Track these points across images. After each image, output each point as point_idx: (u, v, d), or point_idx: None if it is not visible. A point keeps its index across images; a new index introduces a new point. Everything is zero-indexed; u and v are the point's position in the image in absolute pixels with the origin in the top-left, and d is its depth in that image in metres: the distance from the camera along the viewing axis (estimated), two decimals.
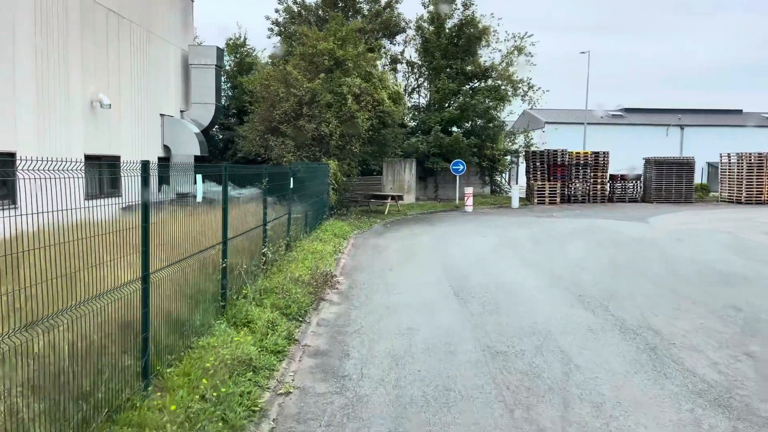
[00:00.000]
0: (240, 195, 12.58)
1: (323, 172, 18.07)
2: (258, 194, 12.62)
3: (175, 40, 21.95)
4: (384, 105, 19.71)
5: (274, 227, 11.03)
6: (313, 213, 16.25)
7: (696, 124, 53.95)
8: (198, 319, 6.09)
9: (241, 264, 8.02)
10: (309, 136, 18.98)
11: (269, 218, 10.30)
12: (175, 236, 5.71)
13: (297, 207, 13.56)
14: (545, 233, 16.78)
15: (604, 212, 23.92)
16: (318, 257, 11.75)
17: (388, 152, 22.04)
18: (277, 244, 10.27)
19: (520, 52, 29.10)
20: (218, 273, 6.79)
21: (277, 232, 11.12)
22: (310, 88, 18.91)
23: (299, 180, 13.46)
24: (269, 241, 9.71)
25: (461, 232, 17.17)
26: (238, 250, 8.01)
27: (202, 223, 6.79)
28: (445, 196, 30.09)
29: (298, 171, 13.79)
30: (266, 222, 9.27)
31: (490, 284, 10.02)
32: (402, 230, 17.92)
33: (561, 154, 29.20)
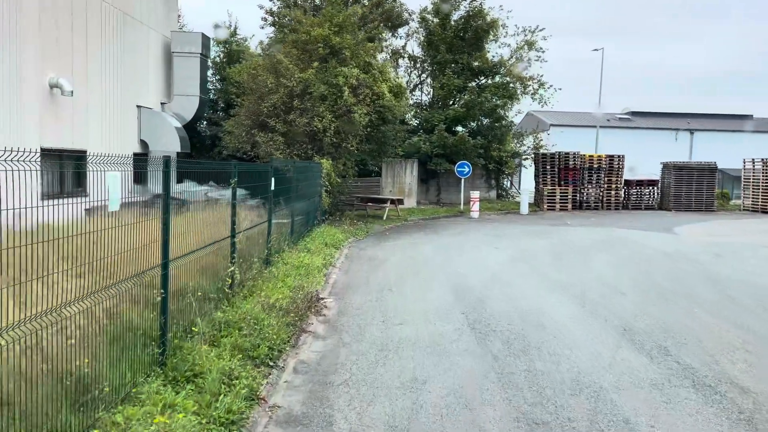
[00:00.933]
0: (221, 197, 10.85)
1: (315, 172, 16.30)
2: (247, 196, 10.87)
3: (155, 24, 20.16)
4: (384, 99, 17.95)
5: (251, 237, 9.25)
6: (302, 218, 14.48)
7: (706, 128, 52.44)
8: (116, 377, 4.30)
9: (197, 290, 6.23)
10: (300, 132, 17.20)
11: (242, 226, 8.52)
12: (97, 254, 3.95)
13: (281, 212, 11.78)
14: (563, 245, 15.01)
15: (621, 221, 22.16)
16: (303, 273, 9.97)
17: (388, 151, 20.25)
18: (250, 260, 8.47)
19: (531, 47, 27.38)
20: (154, 307, 4.99)
21: (253, 243, 9.33)
22: (302, 78, 17.14)
23: (283, 180, 11.69)
24: (239, 256, 7.92)
25: (469, 242, 15.40)
26: (192, 271, 6.21)
27: (140, 235, 5.01)
28: (448, 200, 28.32)
29: (283, 170, 12.01)
30: (235, 233, 7.48)
31: (511, 312, 8.24)
32: (402, 239, 16.15)
33: (573, 157, 27.47)
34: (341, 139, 17.63)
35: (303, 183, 14.49)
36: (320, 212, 17.20)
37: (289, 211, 12.33)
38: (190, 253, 5.93)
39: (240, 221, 8.76)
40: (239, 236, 7.88)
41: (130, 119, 18.58)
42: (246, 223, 9.32)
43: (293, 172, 12.44)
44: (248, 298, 7.49)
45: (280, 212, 12.12)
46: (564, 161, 27.45)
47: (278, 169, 11.96)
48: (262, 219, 9.99)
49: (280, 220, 12.27)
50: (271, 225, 10.04)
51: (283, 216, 12.23)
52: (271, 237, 10.10)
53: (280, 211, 12.08)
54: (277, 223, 11.96)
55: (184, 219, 6.44)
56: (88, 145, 15.68)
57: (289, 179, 12.16)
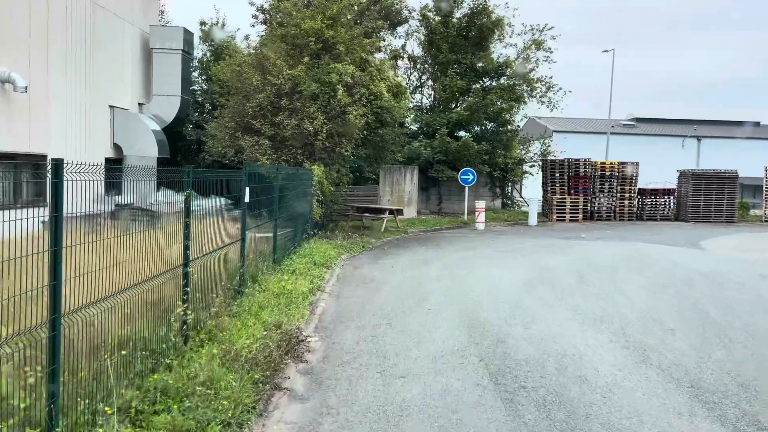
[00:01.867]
0: (198, 208, 9.30)
1: (304, 179, 14.68)
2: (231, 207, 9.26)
3: (132, 17, 18.57)
4: (382, 99, 16.36)
5: (220, 260, 7.60)
6: (288, 232, 12.83)
7: (713, 135, 51.15)
8: None
9: (129, 342, 4.58)
10: (289, 135, 15.57)
11: (208, 247, 6.86)
12: None
13: (263, 226, 10.13)
14: (585, 263, 13.38)
15: (640, 233, 20.56)
16: (284, 303, 8.31)
17: (386, 157, 18.61)
18: (214, 292, 6.80)
19: (539, 47, 25.86)
20: (38, 383, 3.33)
21: (224, 267, 7.68)
22: (291, 75, 15.53)
23: (263, 190, 10.04)
24: (198, 289, 6.26)
25: (478, 260, 13.75)
26: (120, 317, 4.55)
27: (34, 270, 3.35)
28: (450, 209, 26.71)
29: (265, 177, 10.37)
30: (188, 260, 5.81)
31: (542, 358, 6.60)
32: (403, 255, 14.49)
33: (584, 164, 25.91)
34: (335, 143, 16.01)
35: (290, 192, 12.86)
36: (311, 225, 15.55)
37: (272, 226, 10.68)
38: (107, 297, 4.27)
39: (206, 241, 7.13)
40: (196, 264, 6.22)
41: (101, 121, 16.95)
42: (216, 242, 7.69)
43: (278, 179, 10.80)
44: (205, 345, 5.82)
45: (262, 226, 10.48)
46: (574, 168, 25.89)
47: (259, 175, 10.33)
48: (230, 239, 8.32)
49: (263, 234, 10.65)
50: (245, 244, 8.37)
51: (264, 231, 10.59)
52: (246, 259, 8.44)
53: (262, 225, 10.44)
54: (260, 238, 10.32)
55: (127, 242, 4.83)
56: (48, 149, 14.05)
57: (273, 188, 10.52)
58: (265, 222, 10.57)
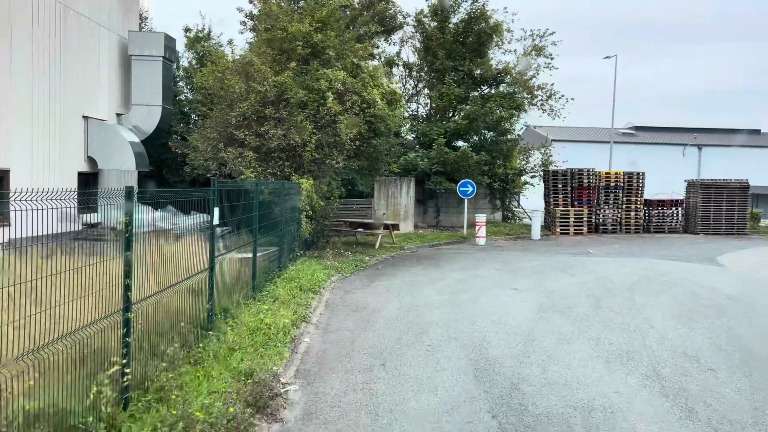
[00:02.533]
0: (174, 227, 8.34)
1: (292, 194, 13.59)
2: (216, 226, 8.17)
3: (109, 23, 17.55)
4: (375, 107, 15.32)
5: (184, 293, 6.49)
6: (273, 253, 11.74)
7: (714, 143, 50.43)
8: None
9: (35, 423, 3.45)
10: (275, 146, 14.50)
11: (165, 283, 5.75)
12: None
13: (242, 248, 9.04)
14: (599, 284, 12.29)
15: (650, 248, 19.51)
16: (262, 341, 7.19)
17: (381, 169, 17.54)
18: (171, 336, 5.67)
19: (540, 53, 24.95)
20: None
21: (186, 304, 6.56)
22: (276, 82, 14.49)
23: (242, 208, 8.95)
24: (151, 334, 5.15)
25: (481, 281, 12.65)
26: (31, 387, 3.44)
27: None
28: (448, 222, 25.65)
29: (242, 192, 9.28)
30: (130, 303, 4.69)
31: (566, 413, 5.50)
32: (399, 276, 13.38)
33: (588, 174, 24.91)
34: (325, 154, 14.94)
35: (274, 209, 11.78)
36: (299, 243, 14.45)
37: (250, 249, 9.57)
38: None
39: (170, 270, 6.03)
40: (149, 302, 5.11)
41: (73, 132, 15.86)
42: (183, 270, 6.59)
43: (258, 195, 9.71)
44: (152, 410, 4.68)
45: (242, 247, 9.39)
46: (578, 179, 24.90)
47: (235, 192, 9.24)
48: (197, 269, 7.21)
49: (243, 254, 9.54)
50: (214, 276, 7.25)
51: (245, 252, 9.49)
52: (217, 289, 7.31)
53: (242, 246, 9.35)
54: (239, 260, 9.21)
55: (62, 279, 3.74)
56: (10, 163, 12.94)
57: (245, 206, 9.42)
58: (243, 244, 9.47)
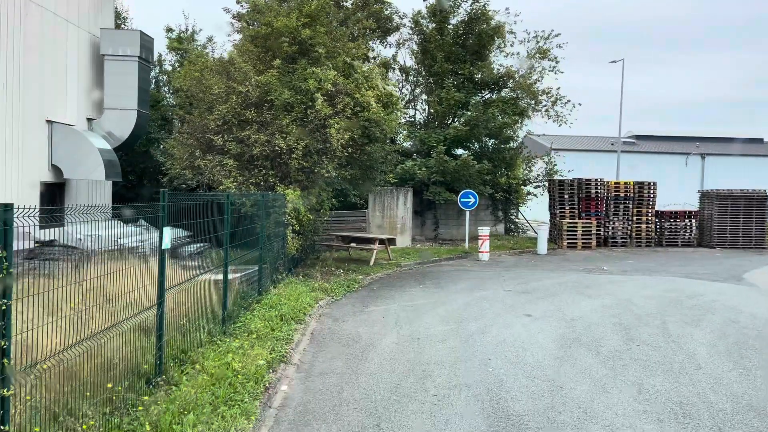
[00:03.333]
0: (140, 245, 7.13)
1: (276, 206, 12.19)
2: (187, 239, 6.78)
3: (78, 19, 16.17)
4: (370, 111, 13.95)
5: (130, 333, 5.05)
6: (250, 275, 10.31)
7: (717, 153, 49.44)
8: None
9: None
10: (257, 153, 13.11)
11: (102, 324, 4.31)
12: None
13: (206, 274, 7.60)
14: (623, 309, 10.89)
15: (667, 263, 18.15)
16: (226, 394, 5.74)
17: (376, 178, 16.14)
18: (97, 398, 4.22)
19: (544, 56, 23.70)
20: None
21: (130, 348, 5.12)
22: (259, 82, 13.12)
23: (211, 225, 7.53)
24: (68, 397, 3.70)
25: (490, 305, 11.22)
26: None
27: None
28: (447, 235, 24.26)
29: (210, 207, 7.85)
30: (8, 380, 3.23)
31: None
32: (396, 298, 11.94)
33: (596, 184, 23.59)
34: (313, 162, 13.56)
35: (254, 223, 10.37)
36: (285, 261, 13.02)
37: (219, 274, 8.14)
38: None
39: (114, 306, 4.63)
40: (72, 352, 3.66)
41: (36, 138, 14.43)
42: (131, 304, 5.18)
43: (230, 207, 8.29)
44: None
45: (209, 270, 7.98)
46: (585, 189, 23.56)
47: (207, 205, 7.83)
48: (144, 306, 5.78)
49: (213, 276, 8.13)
50: (164, 314, 5.79)
51: (216, 274, 8.06)
52: (164, 333, 5.86)
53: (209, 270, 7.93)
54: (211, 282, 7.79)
55: None
56: None
57: (222, 221, 8.00)
58: (213, 267, 8.05)
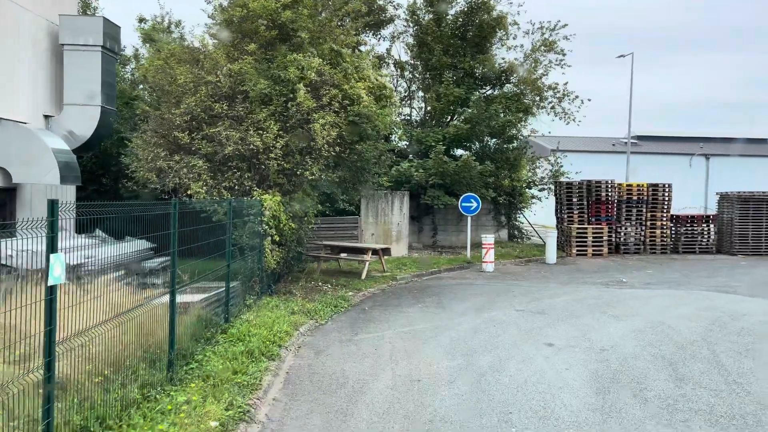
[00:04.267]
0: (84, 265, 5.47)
1: (249, 214, 10.53)
2: None
3: (33, 3, 14.47)
4: (361, 105, 12.31)
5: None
6: (218, 297, 8.65)
7: (722, 153, 48.11)
8: None
9: None
10: (230, 153, 11.43)
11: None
12: None
13: (155, 305, 5.93)
14: (659, 334, 9.27)
15: (692, 274, 16.56)
16: None
17: (368, 181, 14.46)
18: None
19: (550, 49, 22.12)
20: None
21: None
22: (232, 71, 11.46)
23: (166, 238, 5.86)
24: None
25: (503, 331, 9.56)
26: None
27: None
28: (446, 242, 22.63)
29: (147, 217, 6.17)
30: None
31: None
32: (391, 322, 10.27)
33: (606, 186, 22.01)
34: (295, 163, 11.89)
35: (218, 236, 8.70)
36: (262, 277, 11.33)
37: (170, 298, 6.46)
38: None
39: None
40: None
41: None
42: None
43: (177, 218, 6.63)
44: None
45: (167, 291, 6.31)
46: (595, 192, 21.98)
47: (147, 214, 6.17)
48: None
49: (159, 297, 6.45)
50: (53, 382, 4.08)
51: (159, 299, 6.38)
52: (53, 409, 4.16)
53: (165, 292, 6.26)
54: (161, 309, 6.11)
55: None
56: None
57: (176, 233, 6.33)
58: (168, 290, 6.38)
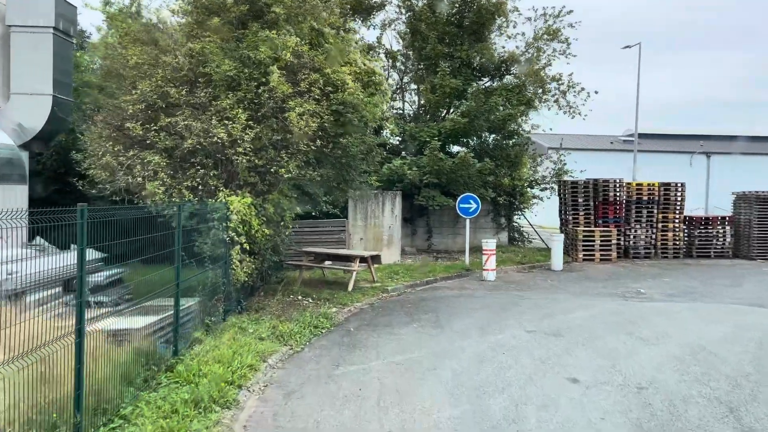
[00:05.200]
0: None
1: (214, 219, 8.93)
2: None
3: None
4: (345, 92, 10.71)
5: None
6: (163, 324, 7.06)
7: (722, 151, 47.02)
8: None
9: None
10: (190, 147, 9.81)
11: None
12: None
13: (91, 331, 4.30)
14: (701, 363, 7.75)
15: (713, 283, 15.09)
16: None
17: (354, 180, 12.82)
18: None
19: (554, 37, 20.61)
20: None
21: None
22: (193, 50, 9.84)
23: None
24: None
25: (514, 360, 7.98)
26: None
27: None
28: (442, 245, 21.09)
29: None
30: None
31: None
32: (380, 349, 8.67)
33: (614, 186, 20.53)
34: (269, 158, 10.27)
35: (162, 248, 7.10)
36: (229, 293, 9.71)
37: (76, 336, 4.83)
38: None
39: None
40: None
41: None
42: None
43: (84, 230, 5.02)
44: None
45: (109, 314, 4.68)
46: (602, 192, 20.49)
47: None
48: None
49: (112, 325, 4.84)
50: None
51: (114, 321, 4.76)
52: None
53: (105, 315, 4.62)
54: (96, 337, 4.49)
55: None
56: None
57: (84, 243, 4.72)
58: (108, 313, 4.76)
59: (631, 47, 27.25)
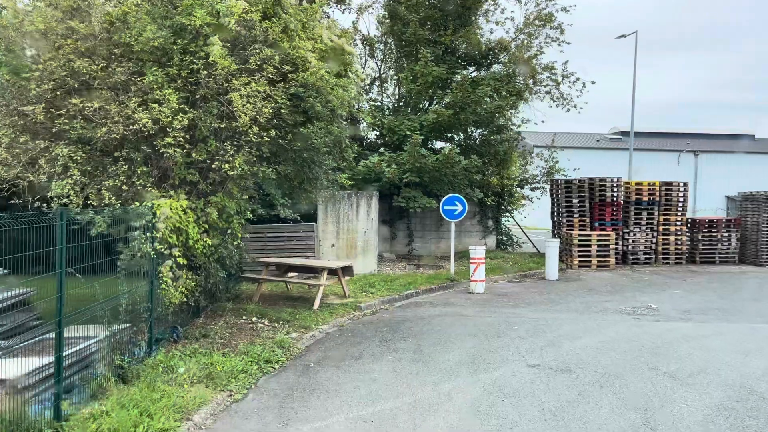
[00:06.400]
0: None
1: (132, 229, 7.04)
2: None
3: None
4: (307, 72, 8.85)
5: None
6: (41, 377, 5.13)
7: (710, 150, 46.23)
8: None
9: None
10: (105, 137, 7.88)
11: None
12: None
13: None
14: (755, 414, 6.05)
15: (729, 294, 13.56)
16: None
17: (319, 178, 10.92)
18: None
19: (547, 23, 18.97)
20: None
21: None
22: (111, 15, 7.91)
23: None
24: None
25: (518, 415, 6.22)
26: None
27: None
28: (424, 250, 19.33)
29: None
30: None
31: None
32: (347, 396, 6.85)
33: (612, 185, 18.95)
34: (211, 152, 8.37)
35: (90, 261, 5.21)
36: (158, 320, 7.81)
37: None
38: None
39: None
40: None
41: None
42: None
43: None
44: None
45: None
46: (599, 192, 18.91)
47: None
48: None
49: None
50: None
51: None
52: None
53: None
54: None
55: None
56: None
57: None
58: None
59: (626, 36, 25.76)
